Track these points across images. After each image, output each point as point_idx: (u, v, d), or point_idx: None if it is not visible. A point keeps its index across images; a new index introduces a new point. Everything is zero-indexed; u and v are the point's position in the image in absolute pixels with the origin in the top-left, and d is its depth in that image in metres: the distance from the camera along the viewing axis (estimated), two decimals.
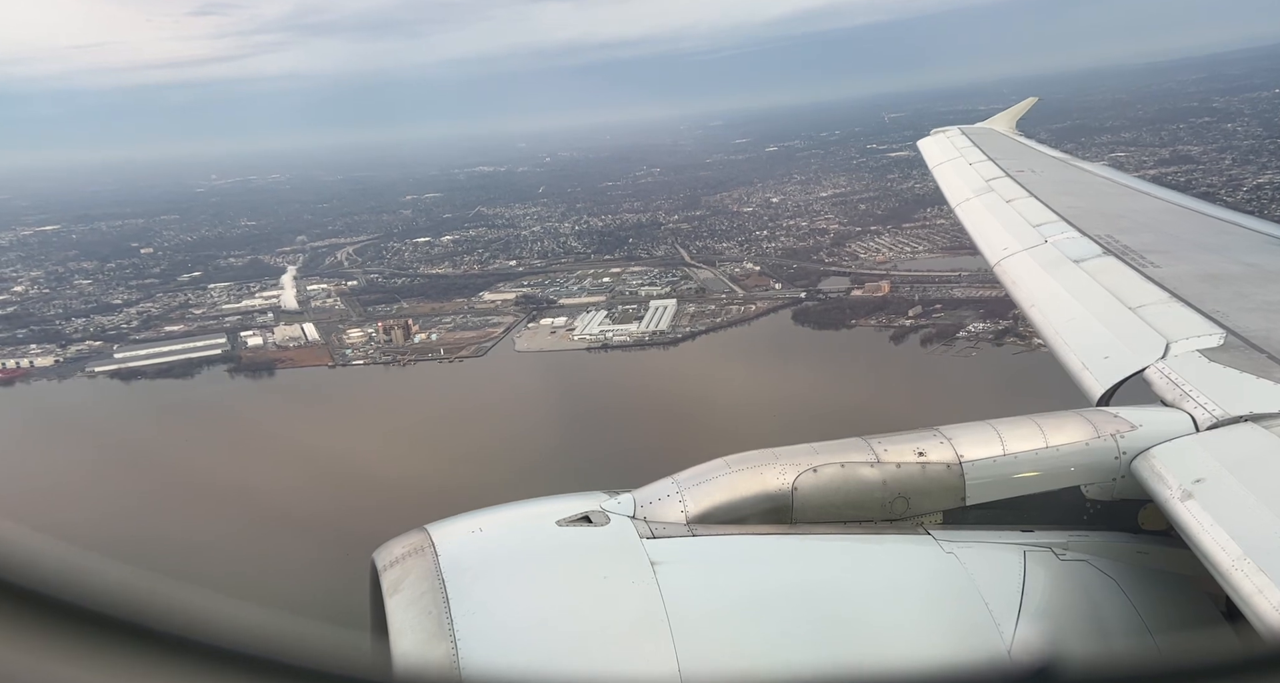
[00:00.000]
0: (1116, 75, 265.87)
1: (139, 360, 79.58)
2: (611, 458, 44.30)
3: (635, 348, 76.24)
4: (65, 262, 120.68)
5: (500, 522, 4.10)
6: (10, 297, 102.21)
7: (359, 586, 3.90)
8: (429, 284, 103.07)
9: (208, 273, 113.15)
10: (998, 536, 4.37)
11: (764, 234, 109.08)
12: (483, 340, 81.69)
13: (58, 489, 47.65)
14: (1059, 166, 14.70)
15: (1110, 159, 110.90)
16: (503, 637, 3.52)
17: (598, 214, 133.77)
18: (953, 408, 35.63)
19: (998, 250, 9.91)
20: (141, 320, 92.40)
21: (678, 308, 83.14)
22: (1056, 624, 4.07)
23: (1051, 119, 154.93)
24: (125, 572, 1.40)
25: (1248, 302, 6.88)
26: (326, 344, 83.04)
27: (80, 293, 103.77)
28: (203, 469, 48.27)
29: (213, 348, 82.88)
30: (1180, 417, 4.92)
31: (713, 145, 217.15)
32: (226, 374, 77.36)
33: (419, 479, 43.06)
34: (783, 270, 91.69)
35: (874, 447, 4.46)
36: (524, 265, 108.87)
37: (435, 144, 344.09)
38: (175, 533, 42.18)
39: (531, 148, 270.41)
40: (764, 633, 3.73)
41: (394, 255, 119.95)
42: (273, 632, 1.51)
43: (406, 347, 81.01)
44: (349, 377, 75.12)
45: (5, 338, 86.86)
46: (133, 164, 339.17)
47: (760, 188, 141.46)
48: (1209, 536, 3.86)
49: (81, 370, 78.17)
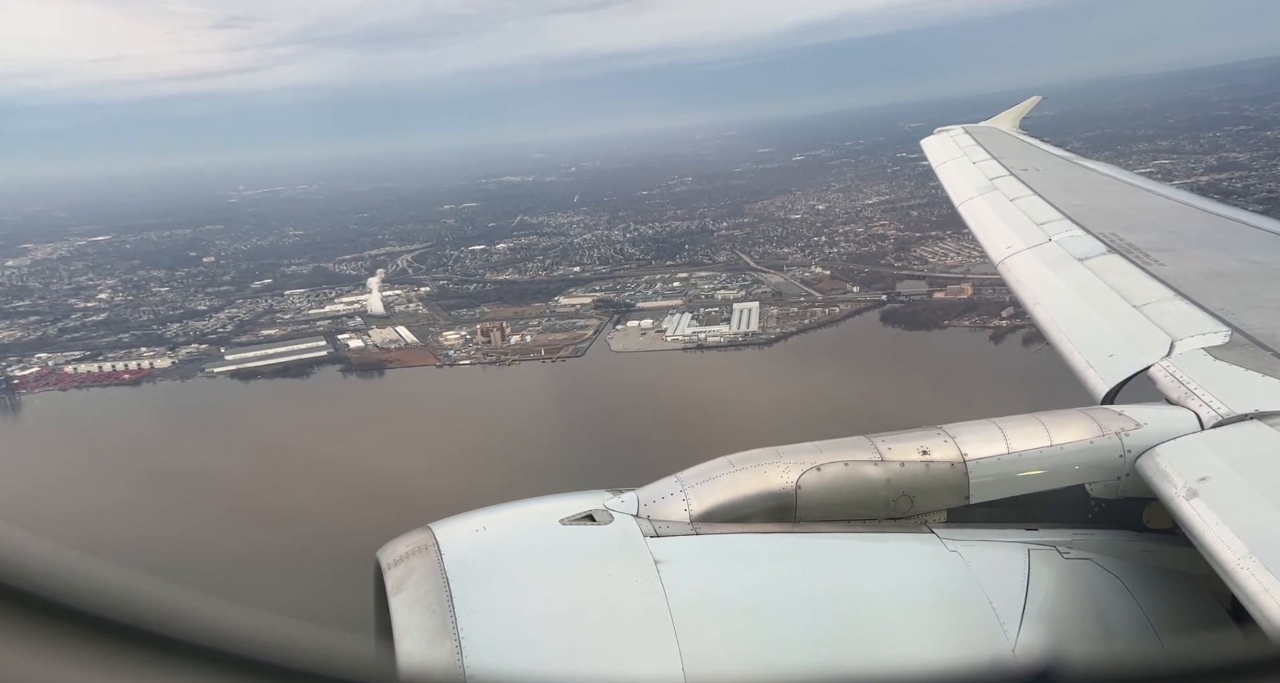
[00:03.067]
0: (1133, 85, 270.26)
1: (250, 362, 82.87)
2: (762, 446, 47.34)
3: (731, 348, 79.25)
4: (134, 270, 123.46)
5: (504, 520, 4.14)
6: (97, 304, 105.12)
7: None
8: (501, 289, 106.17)
9: (277, 280, 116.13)
10: (1002, 534, 4.38)
11: (822, 240, 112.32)
12: (575, 342, 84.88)
13: (264, 480, 50.80)
14: (1062, 165, 14.70)
15: (1155, 166, 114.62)
16: (506, 636, 3.53)
17: (645, 222, 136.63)
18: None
19: (1001, 249, 9.94)
20: (235, 325, 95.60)
21: (761, 310, 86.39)
22: (1061, 623, 4.07)
23: (1083, 127, 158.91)
24: (129, 576, 1.43)
25: (1253, 299, 6.83)
26: (425, 346, 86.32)
27: (162, 299, 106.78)
28: (385, 460, 51.39)
29: (315, 350, 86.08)
30: (1185, 415, 4.92)
31: (736, 155, 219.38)
32: (339, 374, 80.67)
33: (593, 467, 46.14)
34: (854, 274, 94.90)
35: (878, 445, 4.50)
36: (589, 271, 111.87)
37: (449, 154, 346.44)
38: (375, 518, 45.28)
39: (549, 158, 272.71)
40: (767, 632, 3.75)
41: (455, 262, 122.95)
42: (276, 634, 1.54)
43: (505, 348, 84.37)
44: (463, 375, 78.41)
45: (111, 342, 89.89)
46: (154, 175, 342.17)
47: (800, 196, 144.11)
48: (1214, 534, 3.86)
49: (200, 371, 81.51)
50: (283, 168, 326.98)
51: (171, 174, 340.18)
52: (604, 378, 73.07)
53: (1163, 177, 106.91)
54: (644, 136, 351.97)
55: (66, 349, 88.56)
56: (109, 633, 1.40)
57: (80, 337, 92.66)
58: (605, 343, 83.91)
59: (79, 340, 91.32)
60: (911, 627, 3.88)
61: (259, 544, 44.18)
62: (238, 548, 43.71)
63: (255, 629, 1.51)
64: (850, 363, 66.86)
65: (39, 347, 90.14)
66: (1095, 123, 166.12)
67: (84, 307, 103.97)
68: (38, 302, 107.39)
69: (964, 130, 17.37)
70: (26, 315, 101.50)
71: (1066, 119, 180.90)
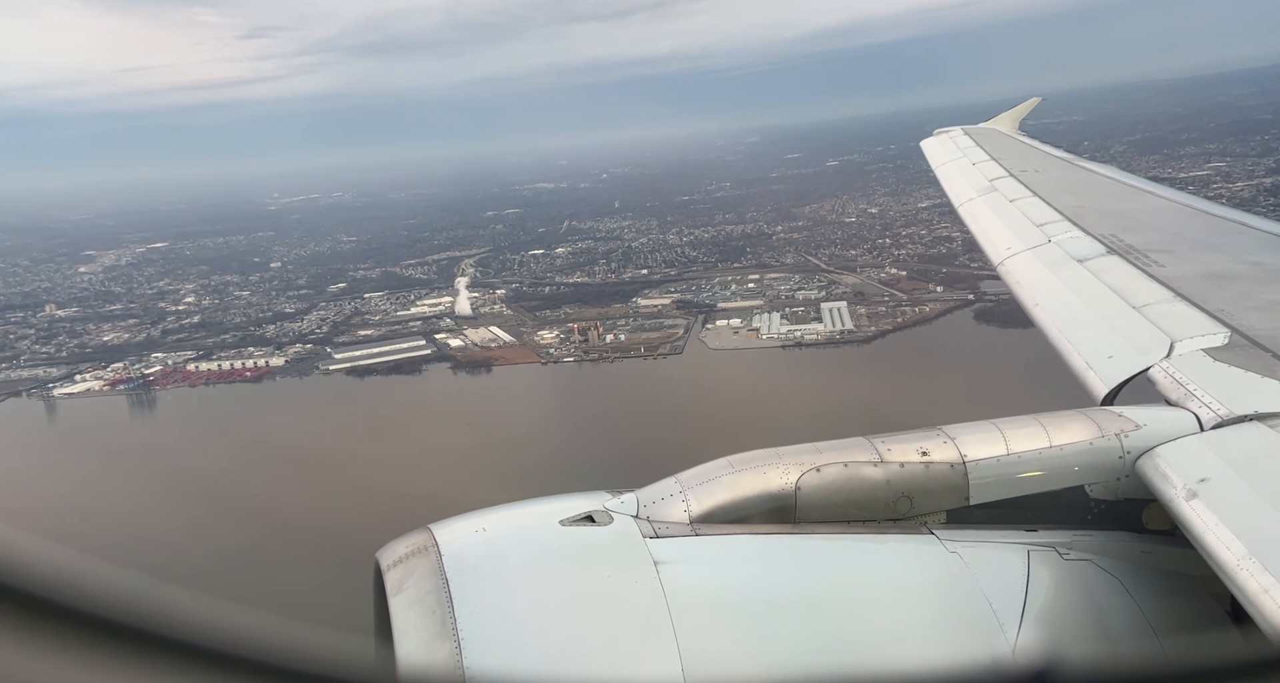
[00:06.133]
0: (1161, 89, 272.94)
1: (359, 360, 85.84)
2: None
3: (830, 346, 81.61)
4: (206, 275, 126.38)
5: (503, 521, 4.14)
6: (186, 307, 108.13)
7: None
8: (575, 292, 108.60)
9: (351, 284, 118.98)
10: (1001, 535, 4.40)
11: (887, 242, 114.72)
12: (668, 340, 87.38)
13: (434, 465, 53.56)
14: (1062, 166, 14.75)
15: (1210, 169, 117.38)
16: (506, 637, 3.55)
17: (697, 226, 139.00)
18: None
19: (1001, 250, 9.93)
20: (330, 326, 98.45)
21: (850, 309, 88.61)
22: (1060, 624, 4.09)
23: (1122, 132, 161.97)
24: (134, 578, 1.43)
25: (1252, 301, 6.85)
26: (523, 344, 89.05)
27: (247, 303, 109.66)
28: (548, 447, 54.02)
29: (417, 349, 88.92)
30: (1185, 416, 4.94)
31: (764, 160, 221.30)
32: (450, 371, 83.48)
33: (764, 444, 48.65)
34: (932, 275, 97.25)
35: (877, 446, 4.51)
36: (657, 274, 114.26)
37: (471, 161, 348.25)
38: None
39: (573, 165, 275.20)
40: (767, 633, 3.77)
41: (521, 266, 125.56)
42: (276, 636, 1.54)
43: (603, 346, 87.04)
44: (574, 372, 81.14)
45: (216, 343, 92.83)
46: (183, 182, 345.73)
47: (848, 200, 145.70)
48: (1214, 535, 3.88)
49: (315, 369, 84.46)
50: (309, 175, 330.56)
51: (202, 181, 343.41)
52: (721, 372, 75.07)
53: (1223, 180, 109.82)
54: (665, 143, 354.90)
55: (175, 349, 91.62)
56: (111, 634, 1.41)
57: (184, 338, 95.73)
58: (700, 341, 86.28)
59: (185, 341, 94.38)
60: (911, 628, 3.92)
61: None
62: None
63: (256, 630, 1.53)
64: (962, 357, 69.29)
65: (147, 347, 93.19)
66: (1134, 127, 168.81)
67: (175, 309, 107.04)
68: (128, 305, 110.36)
69: (963, 132, 17.37)
70: (123, 318, 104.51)
71: (1099, 123, 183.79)
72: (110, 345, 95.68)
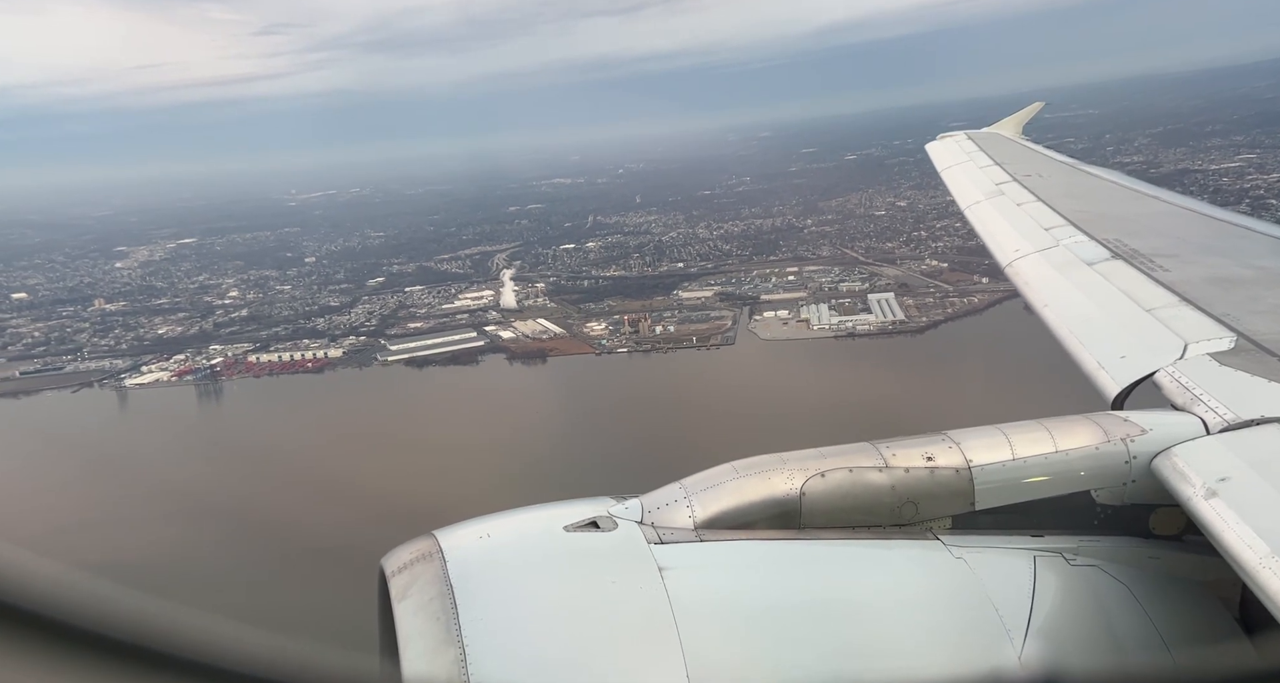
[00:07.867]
0: (1175, 82, 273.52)
1: (414, 352, 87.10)
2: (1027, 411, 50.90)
3: (883, 336, 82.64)
4: (243, 270, 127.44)
5: (508, 527, 4.13)
6: (231, 301, 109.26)
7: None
8: (615, 285, 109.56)
9: (389, 279, 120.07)
10: (1007, 541, 4.38)
11: (923, 235, 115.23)
12: (718, 331, 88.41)
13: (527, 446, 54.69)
14: (1066, 171, 14.82)
15: (1241, 160, 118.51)
16: (510, 642, 3.57)
17: (725, 220, 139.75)
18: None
19: (1009, 252, 10.04)
20: (378, 319, 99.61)
21: (898, 301, 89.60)
22: (1067, 631, 4.06)
23: (1144, 125, 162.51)
24: (134, 596, 1.43)
25: (1258, 305, 6.87)
26: (574, 336, 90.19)
27: (291, 297, 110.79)
28: (642, 430, 55.14)
29: (469, 341, 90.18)
30: (1191, 420, 4.93)
31: (780, 155, 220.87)
32: (506, 361, 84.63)
33: (871, 428, 49.69)
34: (975, 266, 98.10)
35: (882, 451, 4.49)
36: (694, 267, 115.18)
37: (483, 158, 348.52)
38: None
39: (585, 161, 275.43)
40: (772, 639, 3.75)
41: (556, 260, 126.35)
42: (282, 645, 1.54)
43: (654, 337, 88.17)
44: (630, 362, 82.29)
45: (269, 335, 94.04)
46: (196, 179, 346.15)
47: (874, 193, 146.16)
48: (1234, 533, 3.84)
49: (374, 360, 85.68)
50: (322, 171, 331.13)
51: (216, 178, 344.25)
52: (782, 363, 76.25)
53: (1256, 171, 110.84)
54: (676, 138, 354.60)
55: (230, 341, 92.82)
56: (117, 652, 1.41)
57: (237, 331, 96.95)
58: (750, 332, 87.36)
59: (238, 334, 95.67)
60: (916, 635, 3.91)
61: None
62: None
63: (260, 642, 1.53)
64: (1022, 346, 70.05)
65: (202, 340, 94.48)
66: (1155, 120, 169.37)
67: (221, 304, 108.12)
68: (174, 299, 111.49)
69: (967, 136, 17.52)
70: (172, 312, 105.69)
71: (1119, 117, 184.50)
72: (166, 338, 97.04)
